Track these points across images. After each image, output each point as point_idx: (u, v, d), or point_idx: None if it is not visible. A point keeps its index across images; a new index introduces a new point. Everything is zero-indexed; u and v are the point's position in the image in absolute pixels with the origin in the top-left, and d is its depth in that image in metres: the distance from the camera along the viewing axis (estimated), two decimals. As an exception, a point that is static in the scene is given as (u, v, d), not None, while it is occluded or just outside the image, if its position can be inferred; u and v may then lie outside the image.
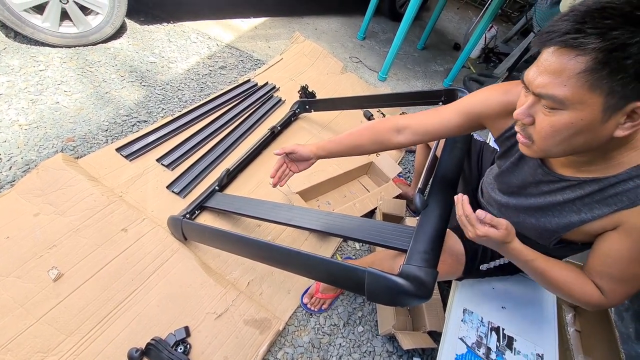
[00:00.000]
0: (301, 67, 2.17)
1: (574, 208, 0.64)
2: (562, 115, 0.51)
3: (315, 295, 1.17)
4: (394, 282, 0.70)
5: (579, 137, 0.52)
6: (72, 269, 0.99)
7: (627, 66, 0.44)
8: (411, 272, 0.71)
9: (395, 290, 0.70)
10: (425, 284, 0.69)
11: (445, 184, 0.94)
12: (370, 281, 0.72)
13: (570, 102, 0.49)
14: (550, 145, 0.55)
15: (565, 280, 0.66)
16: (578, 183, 0.63)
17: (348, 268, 0.79)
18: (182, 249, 1.12)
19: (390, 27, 3.31)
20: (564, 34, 0.46)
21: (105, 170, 1.26)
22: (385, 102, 1.58)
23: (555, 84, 0.49)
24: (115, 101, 1.56)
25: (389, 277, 0.70)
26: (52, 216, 1.06)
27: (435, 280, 0.71)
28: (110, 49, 1.82)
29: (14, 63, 1.53)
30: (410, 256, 0.75)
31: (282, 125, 1.66)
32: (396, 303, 0.74)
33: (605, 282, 0.64)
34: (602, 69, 0.45)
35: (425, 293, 0.69)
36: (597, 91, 0.47)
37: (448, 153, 1.04)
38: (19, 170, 1.20)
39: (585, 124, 0.50)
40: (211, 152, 1.47)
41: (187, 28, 2.19)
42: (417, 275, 0.70)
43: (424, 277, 0.70)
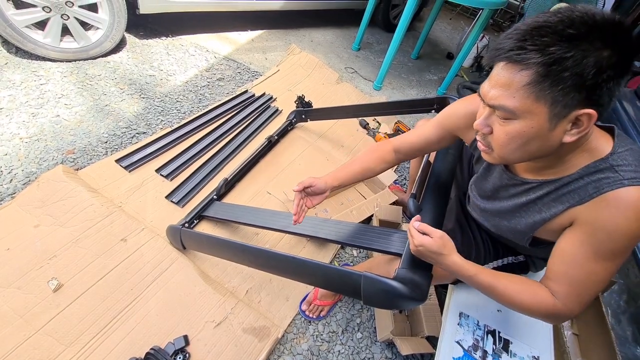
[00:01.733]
0: (297, 78, 2.21)
1: (536, 208, 0.68)
2: (514, 125, 0.55)
3: (313, 302, 1.17)
4: (389, 285, 0.71)
5: (531, 143, 0.56)
6: (72, 279, 1.00)
7: (565, 78, 0.48)
8: (406, 275, 0.72)
9: (390, 293, 0.71)
10: (420, 287, 0.71)
11: (438, 189, 0.96)
12: (366, 285, 0.74)
13: (520, 112, 0.53)
14: (507, 152, 0.59)
15: (514, 290, 0.67)
16: (538, 185, 0.67)
17: (344, 273, 0.80)
18: (180, 258, 1.13)
19: (385, 37, 3.38)
20: (509, 51, 0.51)
21: (105, 182, 1.28)
22: (379, 111, 1.62)
23: (505, 96, 0.53)
24: (114, 113, 1.59)
25: (384, 280, 0.72)
26: (52, 227, 1.07)
27: (430, 283, 0.73)
28: (110, 62, 1.85)
29: (15, 78, 1.57)
30: (405, 260, 0.77)
31: (279, 135, 1.68)
32: (392, 306, 0.75)
33: (560, 284, 0.64)
34: (543, 81, 0.49)
35: (420, 295, 0.71)
36: (542, 101, 0.51)
37: (441, 159, 1.06)
38: (20, 183, 1.21)
39: (535, 132, 0.54)
40: (209, 162, 1.49)
41: (185, 42, 2.24)
42: (412, 278, 0.72)
43: (418, 280, 0.71)
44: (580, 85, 0.48)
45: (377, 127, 2.07)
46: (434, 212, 0.87)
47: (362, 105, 1.65)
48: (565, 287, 0.63)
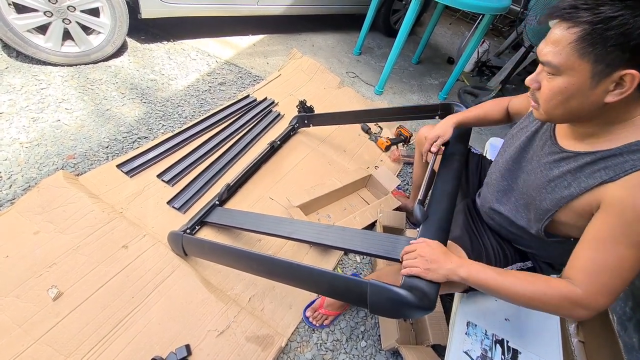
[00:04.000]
0: (299, 83, 2.21)
1: (564, 183, 0.66)
2: (558, 80, 0.58)
3: (318, 309, 1.16)
4: (396, 293, 0.70)
5: (572, 100, 0.58)
6: (72, 287, 0.98)
7: (609, 37, 0.50)
8: (414, 283, 0.71)
9: (397, 302, 0.69)
10: (428, 296, 0.69)
11: (444, 195, 0.95)
12: (373, 293, 0.72)
13: (564, 68, 0.56)
14: (551, 108, 0.61)
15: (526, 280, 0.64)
16: (574, 155, 0.65)
17: (350, 280, 0.79)
18: (182, 265, 1.11)
19: (386, 42, 3.39)
20: (562, 9, 0.55)
21: (106, 187, 1.26)
22: (383, 117, 1.61)
23: (553, 52, 0.57)
24: (115, 118, 1.58)
25: (391, 288, 0.71)
26: (52, 234, 1.06)
27: (438, 292, 0.71)
28: (111, 67, 1.85)
29: (15, 82, 1.55)
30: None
31: (281, 140, 1.67)
32: (399, 315, 0.74)
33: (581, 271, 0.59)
34: (588, 39, 0.52)
35: (428, 305, 0.69)
36: (585, 58, 0.54)
37: (446, 165, 1.05)
38: (19, 189, 1.20)
39: (577, 88, 0.56)
40: (211, 167, 1.48)
41: (186, 46, 2.24)
42: (420, 287, 0.70)
43: (426, 289, 0.70)
44: (624, 45, 0.50)
45: (379, 131, 2.07)
46: (440, 219, 0.86)
47: (365, 110, 1.64)
48: (586, 273, 0.59)
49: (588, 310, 0.59)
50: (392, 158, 1.91)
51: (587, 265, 0.59)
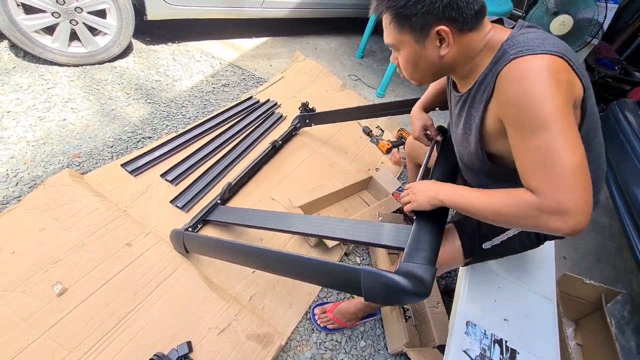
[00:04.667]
0: (302, 85, 2.23)
1: (470, 118, 0.74)
2: (401, 54, 0.73)
3: (328, 312, 1.17)
4: (390, 279, 0.68)
5: (419, 63, 0.71)
6: (77, 283, 1.00)
7: (409, 12, 0.64)
8: (409, 269, 0.70)
9: (392, 287, 0.68)
10: (424, 281, 0.68)
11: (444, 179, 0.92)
12: (367, 280, 0.71)
13: (397, 44, 0.71)
14: (410, 74, 0.76)
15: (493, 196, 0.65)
16: (464, 95, 0.75)
17: (344, 268, 0.78)
18: (185, 264, 1.13)
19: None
20: (375, 4, 0.70)
21: (111, 186, 1.28)
22: (383, 111, 1.59)
23: (386, 35, 0.73)
24: (120, 118, 1.60)
25: (385, 274, 0.70)
26: (57, 231, 1.07)
27: (434, 277, 0.70)
28: (116, 67, 1.87)
29: (22, 81, 1.58)
30: (408, 254, 0.74)
31: (283, 140, 1.69)
32: (393, 301, 0.73)
33: (529, 179, 0.60)
34: (398, 18, 0.67)
35: (424, 289, 0.68)
36: (404, 31, 0.68)
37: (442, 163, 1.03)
38: (26, 186, 1.22)
39: (414, 54, 0.70)
40: (214, 168, 1.49)
41: (191, 48, 2.26)
42: (415, 272, 0.69)
43: (422, 274, 0.68)
44: (421, 13, 0.63)
45: (380, 134, 2.08)
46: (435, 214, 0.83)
47: (365, 106, 1.63)
48: (533, 178, 0.60)
49: (559, 214, 0.56)
50: (393, 160, 1.93)
51: (529, 172, 0.61)
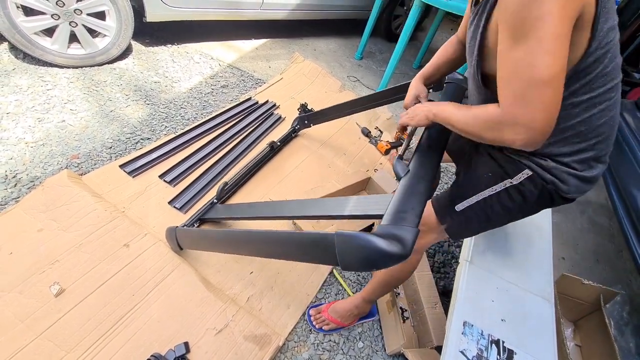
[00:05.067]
0: (301, 86, 2.23)
1: (476, 31, 0.69)
2: None
3: (322, 312, 1.17)
4: (367, 240, 0.62)
5: None
6: (74, 284, 1.00)
7: None
8: (387, 230, 0.64)
9: (367, 249, 0.62)
10: (403, 241, 0.62)
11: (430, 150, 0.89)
12: (341, 244, 0.64)
13: None
14: None
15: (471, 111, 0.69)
16: (480, 5, 0.69)
17: (316, 236, 0.74)
18: (182, 264, 1.13)
19: (387, 47, 3.42)
20: None
21: (109, 187, 1.28)
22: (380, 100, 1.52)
23: None
24: (119, 119, 1.60)
25: (361, 235, 0.63)
26: (55, 232, 1.08)
27: (416, 237, 0.64)
28: (116, 69, 1.88)
29: (22, 83, 1.59)
30: (387, 217, 0.68)
31: (281, 141, 1.69)
32: (372, 265, 0.65)
33: (499, 91, 0.62)
34: None
35: (404, 251, 0.62)
36: None
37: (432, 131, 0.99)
38: (24, 187, 1.22)
39: None
40: (212, 169, 1.50)
41: (190, 49, 2.27)
42: (394, 233, 0.63)
43: (401, 234, 0.63)
44: None
45: (379, 135, 2.08)
46: (424, 170, 0.80)
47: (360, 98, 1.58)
48: (501, 90, 0.61)
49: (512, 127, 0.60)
50: (391, 161, 1.93)
51: (500, 83, 0.61)
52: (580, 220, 2.07)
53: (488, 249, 1.11)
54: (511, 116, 0.59)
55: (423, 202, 0.72)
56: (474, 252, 1.09)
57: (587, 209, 2.17)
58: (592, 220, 2.11)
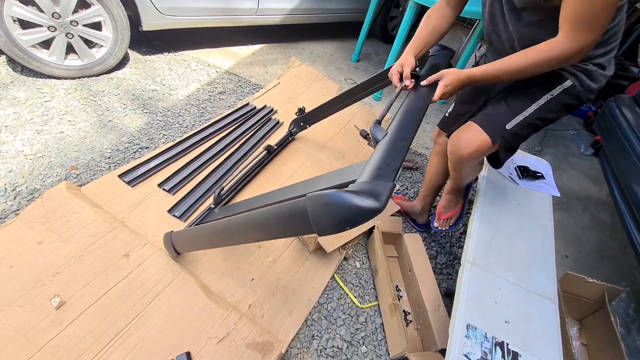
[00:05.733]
0: (298, 90, 2.24)
1: None
2: None
3: (441, 218, 1.37)
4: (336, 197, 0.58)
5: None
6: (75, 296, 1.00)
7: None
8: (360, 186, 0.62)
9: (339, 206, 0.58)
10: (377, 194, 0.59)
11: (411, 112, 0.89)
12: (313, 208, 0.60)
13: None
14: None
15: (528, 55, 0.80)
16: None
17: (290, 205, 0.68)
18: (183, 273, 1.12)
19: (383, 49, 3.43)
20: None
21: (108, 197, 1.28)
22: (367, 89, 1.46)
23: None
24: (117, 129, 1.61)
25: (331, 193, 0.58)
26: (55, 244, 1.07)
27: (391, 191, 0.62)
28: (113, 79, 1.88)
29: (20, 95, 1.59)
30: (363, 174, 0.67)
31: (278, 145, 1.69)
32: (345, 223, 0.59)
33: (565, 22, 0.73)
34: None
35: (377, 204, 0.58)
36: None
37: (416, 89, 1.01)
38: (24, 200, 1.22)
39: None
40: (211, 176, 1.50)
41: (187, 57, 2.28)
42: (367, 188, 0.61)
43: (375, 188, 0.60)
44: None
45: (377, 137, 2.08)
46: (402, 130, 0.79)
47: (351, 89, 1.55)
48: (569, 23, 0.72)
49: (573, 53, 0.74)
50: (391, 163, 1.92)
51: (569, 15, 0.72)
52: (582, 217, 2.06)
53: (490, 250, 1.11)
54: (584, 44, 0.71)
55: (401, 158, 0.73)
56: (476, 253, 1.08)
57: (588, 205, 2.16)
58: (594, 217, 2.10)
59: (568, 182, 2.38)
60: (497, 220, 1.21)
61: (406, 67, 1.03)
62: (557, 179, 1.55)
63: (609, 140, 1.80)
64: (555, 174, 1.58)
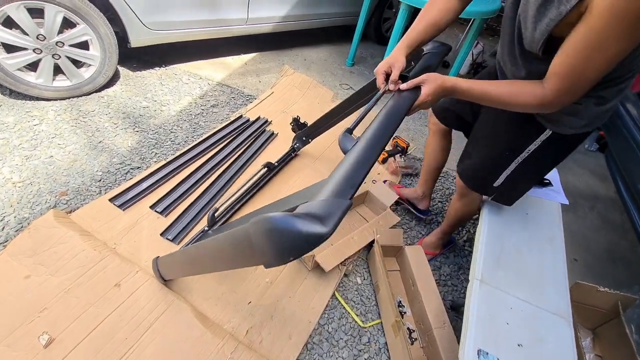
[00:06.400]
0: (292, 99, 2.20)
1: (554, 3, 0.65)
2: None
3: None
4: (278, 221, 0.50)
5: None
6: (64, 332, 0.96)
7: None
8: (307, 208, 0.54)
9: (279, 231, 0.50)
10: (325, 216, 0.51)
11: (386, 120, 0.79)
12: (256, 234, 0.53)
13: None
14: None
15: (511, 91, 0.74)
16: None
17: (238, 232, 0.60)
18: (176, 301, 1.08)
19: (378, 51, 3.38)
20: None
21: (99, 223, 1.25)
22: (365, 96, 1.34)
23: None
24: (108, 150, 1.57)
25: (273, 217, 0.50)
26: (43, 277, 1.04)
27: (345, 212, 0.54)
28: (103, 97, 1.85)
29: (8, 120, 1.56)
30: (319, 194, 0.59)
31: (279, 162, 1.63)
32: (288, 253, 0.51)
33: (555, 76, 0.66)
34: None
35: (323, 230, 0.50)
36: None
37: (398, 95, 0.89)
38: (12, 230, 1.19)
39: None
40: (205, 194, 1.46)
41: (178, 70, 2.25)
42: (313, 210, 0.52)
43: (326, 209, 0.52)
44: None
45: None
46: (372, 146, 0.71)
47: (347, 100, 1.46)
48: (558, 78, 0.66)
49: (551, 107, 0.70)
50: (389, 170, 1.88)
51: (559, 71, 0.65)
52: (590, 217, 2.00)
53: (499, 265, 1.06)
54: (557, 102, 0.67)
55: (365, 172, 0.65)
56: (484, 270, 1.03)
57: (596, 204, 2.10)
58: (602, 217, 2.03)
59: (574, 180, 2.31)
60: (504, 232, 1.16)
61: (395, 69, 0.91)
62: (563, 177, 1.50)
63: (614, 138, 1.75)
64: (561, 172, 1.53)
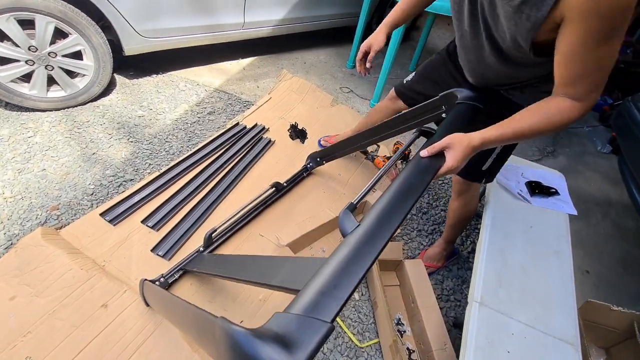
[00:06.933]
0: (290, 104, 2.15)
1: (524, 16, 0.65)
2: None
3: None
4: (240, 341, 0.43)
5: None
6: (48, 357, 0.93)
7: None
8: (279, 324, 0.46)
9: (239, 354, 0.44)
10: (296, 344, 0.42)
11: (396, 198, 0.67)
12: (220, 338, 0.48)
13: None
14: None
15: (541, 119, 0.70)
16: None
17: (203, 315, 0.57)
18: (165, 322, 1.05)
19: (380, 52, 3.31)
20: None
21: (88, 239, 1.22)
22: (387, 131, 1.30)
23: None
24: (102, 161, 1.55)
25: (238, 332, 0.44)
26: (28, 298, 1.01)
27: (323, 340, 0.44)
28: (99, 106, 1.84)
29: (3, 133, 1.55)
30: (298, 298, 0.50)
31: (289, 182, 1.55)
32: None
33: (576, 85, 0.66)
34: None
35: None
36: None
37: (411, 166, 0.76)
38: (1, 248, 1.17)
39: None
40: (198, 207, 1.42)
41: (175, 77, 2.22)
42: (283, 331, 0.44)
43: (299, 331, 0.44)
44: None
45: (375, 150, 1.98)
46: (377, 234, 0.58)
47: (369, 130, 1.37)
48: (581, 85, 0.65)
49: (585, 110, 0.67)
50: (390, 178, 1.82)
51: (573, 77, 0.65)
52: (602, 225, 1.90)
53: (500, 285, 0.99)
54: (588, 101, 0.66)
55: (362, 273, 0.53)
56: (484, 291, 0.97)
57: (609, 211, 2.00)
58: (615, 224, 1.93)
59: (585, 185, 2.21)
60: (507, 247, 1.09)
61: (372, 49, 1.02)
62: (573, 182, 1.42)
63: (627, 142, 1.66)
64: (571, 176, 1.45)
